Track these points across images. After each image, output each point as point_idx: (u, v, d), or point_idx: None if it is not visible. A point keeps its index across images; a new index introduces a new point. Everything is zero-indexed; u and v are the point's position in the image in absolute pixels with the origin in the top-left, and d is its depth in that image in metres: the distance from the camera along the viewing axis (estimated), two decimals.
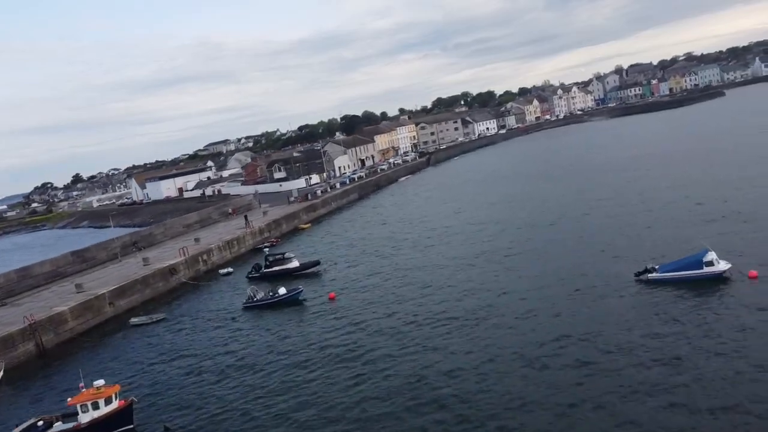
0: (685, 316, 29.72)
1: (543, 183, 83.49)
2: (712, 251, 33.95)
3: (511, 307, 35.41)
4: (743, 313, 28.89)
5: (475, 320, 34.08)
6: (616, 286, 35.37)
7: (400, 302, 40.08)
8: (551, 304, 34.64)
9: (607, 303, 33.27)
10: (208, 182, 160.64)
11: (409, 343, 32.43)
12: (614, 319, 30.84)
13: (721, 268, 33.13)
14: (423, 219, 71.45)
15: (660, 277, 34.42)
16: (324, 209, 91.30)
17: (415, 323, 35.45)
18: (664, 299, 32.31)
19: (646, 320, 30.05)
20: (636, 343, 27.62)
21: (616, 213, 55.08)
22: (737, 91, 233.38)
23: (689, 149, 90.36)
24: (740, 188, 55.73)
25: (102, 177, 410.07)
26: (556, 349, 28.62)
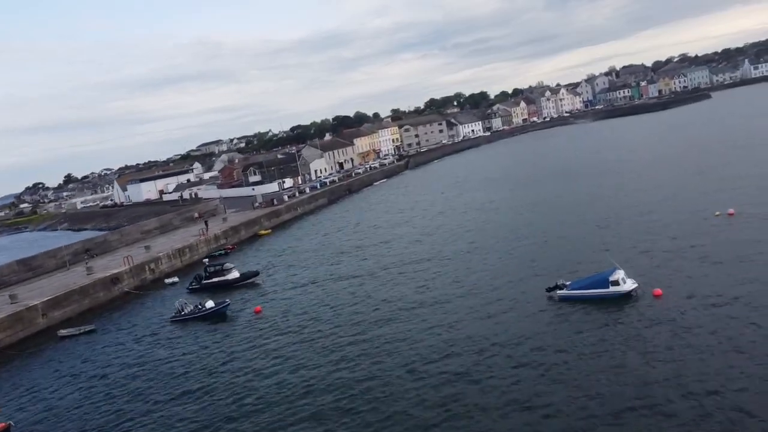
0: (578, 334, 29.51)
1: (504, 189, 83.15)
2: (620, 270, 33.63)
3: (413, 320, 35.76)
4: (636, 332, 28.74)
5: (377, 335, 34.05)
6: (525, 301, 35.16)
7: (323, 315, 39.91)
8: (454, 317, 34.80)
9: (506, 318, 33.12)
10: (187, 185, 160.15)
11: (314, 357, 32.36)
12: (506, 335, 30.65)
13: (626, 287, 32.78)
14: (375, 226, 71.19)
15: (567, 294, 34.11)
16: (288, 215, 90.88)
17: (327, 335, 35.53)
18: (565, 316, 32.05)
19: (538, 337, 29.85)
20: (520, 360, 27.57)
21: (559, 222, 54.77)
22: (724, 93, 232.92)
23: (655, 156, 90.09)
24: (679, 202, 55.45)
25: (94, 177, 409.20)
26: (440, 361, 29.02)
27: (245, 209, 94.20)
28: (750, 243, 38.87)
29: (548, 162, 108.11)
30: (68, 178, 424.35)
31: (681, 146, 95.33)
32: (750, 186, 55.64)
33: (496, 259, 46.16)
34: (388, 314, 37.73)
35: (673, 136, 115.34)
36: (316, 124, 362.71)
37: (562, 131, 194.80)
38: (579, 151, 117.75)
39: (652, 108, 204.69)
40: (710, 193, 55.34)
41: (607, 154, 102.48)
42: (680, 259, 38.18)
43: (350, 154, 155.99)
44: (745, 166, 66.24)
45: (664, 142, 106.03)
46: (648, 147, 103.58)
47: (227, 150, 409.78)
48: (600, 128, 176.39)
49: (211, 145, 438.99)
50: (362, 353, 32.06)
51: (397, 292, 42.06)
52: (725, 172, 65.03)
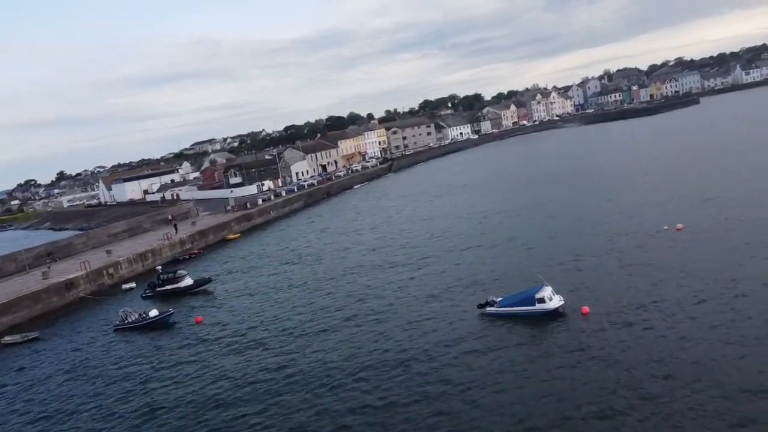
0: (496, 353, 29.36)
1: (474, 195, 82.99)
2: (548, 287, 33.46)
3: (344, 331, 35.79)
4: (554, 350, 28.65)
5: (302, 346, 33.97)
6: (454, 317, 34.93)
7: (261, 325, 39.78)
8: (384, 328, 34.85)
9: (434, 334, 32.90)
10: (171, 185, 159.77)
11: (237, 368, 32.15)
12: (429, 351, 30.53)
13: (552, 305, 32.59)
14: (341, 232, 71.05)
15: (496, 311, 33.95)
16: (260, 219, 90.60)
17: (257, 346, 35.56)
18: (489, 335, 31.89)
19: (459, 354, 29.71)
20: (436, 376, 27.37)
21: (514, 233, 54.66)
22: (713, 99, 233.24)
23: (628, 164, 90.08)
24: (633, 214, 55.35)
25: (87, 175, 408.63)
26: (359, 373, 28.89)
27: (219, 212, 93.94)
28: (690, 258, 38.76)
29: (526, 167, 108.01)
30: (61, 176, 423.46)
31: (655, 154, 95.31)
32: (703, 198, 55.59)
33: (441, 271, 45.95)
34: (321, 324, 37.75)
35: (652, 143, 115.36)
36: (310, 124, 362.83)
37: (550, 135, 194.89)
38: (559, 157, 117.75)
39: (641, 113, 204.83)
40: (667, 205, 55.22)
41: (585, 161, 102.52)
42: (616, 274, 38.02)
43: (334, 156, 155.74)
44: (707, 178, 66.19)
45: (641, 150, 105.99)
46: (625, 154, 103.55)
47: (220, 149, 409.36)
48: (587, 132, 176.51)
49: (204, 144, 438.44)
50: (283, 364, 32.06)
51: (336, 302, 42.01)
52: (686, 184, 64.98)
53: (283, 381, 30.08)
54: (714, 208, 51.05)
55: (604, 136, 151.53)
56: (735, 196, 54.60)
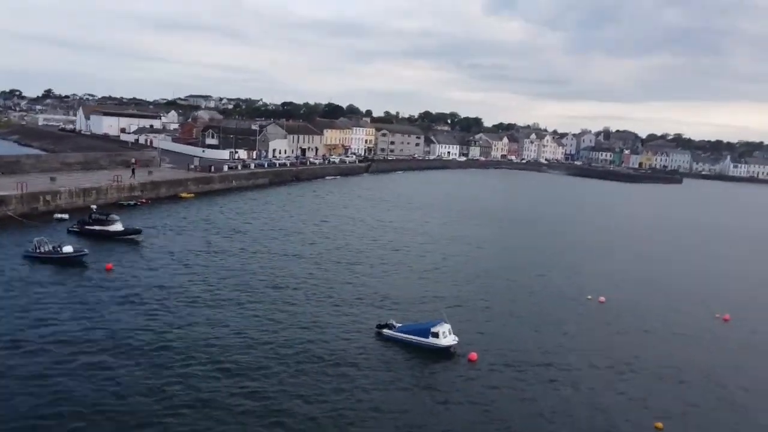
0: (375, 376, 29.38)
1: (433, 216, 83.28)
2: (447, 324, 33.57)
3: (240, 312, 35.11)
4: (424, 386, 28.84)
5: (190, 319, 33.48)
6: (351, 329, 34.91)
7: (165, 287, 39.21)
8: (277, 322, 34.46)
9: (320, 340, 32.79)
10: (148, 130, 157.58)
11: (128, 327, 31.66)
12: (314, 365, 30.36)
13: (444, 342, 32.69)
14: (294, 218, 70.71)
15: (391, 335, 33.96)
16: (220, 185, 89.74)
17: (154, 310, 34.94)
18: (379, 357, 31.84)
19: (339, 373, 29.61)
20: (310, 391, 27.25)
21: (443, 263, 54.92)
22: (696, 182, 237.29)
23: (590, 225, 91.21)
24: (565, 278, 56.01)
25: (74, 100, 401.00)
26: (240, 375, 28.27)
27: (184, 168, 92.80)
28: (597, 330, 39.30)
29: (494, 202, 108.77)
30: (48, 93, 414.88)
31: (620, 223, 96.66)
32: (639, 276, 56.56)
33: (362, 281, 45.91)
34: (222, 302, 37.45)
35: (622, 211, 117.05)
36: (308, 106, 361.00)
37: (532, 176, 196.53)
38: (532, 200, 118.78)
39: (623, 178, 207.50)
40: (605, 275, 55.96)
41: (553, 210, 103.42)
42: (521, 330, 38.32)
43: (317, 143, 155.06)
44: (655, 256, 67.36)
45: (609, 214, 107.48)
46: (593, 214, 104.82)
47: (214, 107, 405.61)
48: (567, 183, 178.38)
49: (198, 98, 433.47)
50: (163, 331, 31.63)
51: (249, 284, 41.66)
52: (635, 257, 66.05)
53: (149, 347, 29.77)
54: (646, 288, 51.91)
55: (582, 192, 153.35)
56: (668, 282, 55.63)
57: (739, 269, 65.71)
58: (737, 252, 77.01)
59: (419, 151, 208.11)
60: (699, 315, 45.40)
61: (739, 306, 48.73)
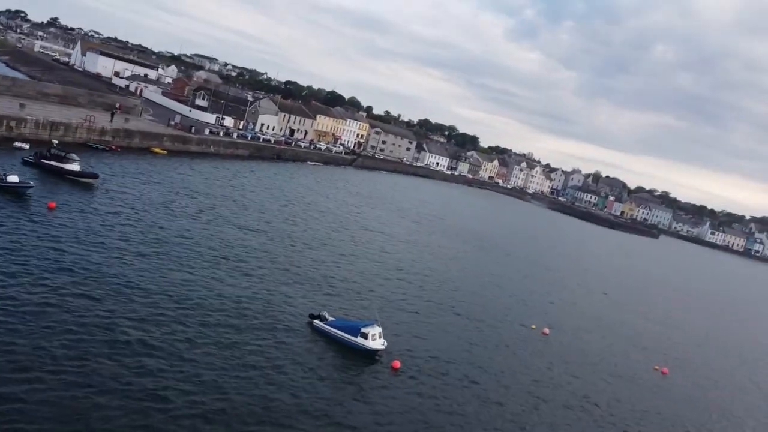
0: (294, 370, 28.18)
1: (404, 220, 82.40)
2: (378, 327, 32.54)
3: (173, 279, 33.66)
4: (337, 386, 27.77)
5: (118, 278, 32.08)
6: (283, 315, 33.76)
7: (112, 243, 37.64)
8: (210, 292, 33.15)
9: (247, 321, 31.59)
10: (141, 78, 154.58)
11: (52, 274, 30.07)
12: (234, 352, 29.07)
13: (371, 345, 31.67)
14: (262, 196, 69.29)
15: (321, 327, 32.87)
16: (196, 147, 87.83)
17: (86, 262, 33.21)
18: (304, 349, 30.71)
19: (248, 349, 28.44)
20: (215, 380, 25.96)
21: (406, 269, 54.02)
22: (672, 240, 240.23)
23: (561, 261, 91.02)
24: (515, 306, 55.44)
25: (78, 33, 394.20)
26: (129, 328, 27.00)
27: (163, 123, 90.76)
28: (537, 358, 38.59)
29: (470, 220, 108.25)
30: (53, 21, 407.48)
31: (593, 264, 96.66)
32: (599, 315, 56.20)
33: (307, 267, 44.74)
34: (158, 266, 35.81)
35: (597, 252, 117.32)
36: (311, 89, 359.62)
37: (514, 203, 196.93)
38: (509, 226, 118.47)
39: (601, 222, 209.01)
40: (559, 311, 55.47)
41: (525, 238, 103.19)
42: (455, 348, 37.44)
43: (307, 126, 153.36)
44: (612, 298, 67.17)
45: (582, 253, 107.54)
46: (568, 252, 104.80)
47: (217, 71, 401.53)
48: (547, 217, 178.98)
49: (204, 59, 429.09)
50: (81, 282, 30.17)
51: (190, 250, 40.26)
52: (597, 300, 65.76)
53: (57, 294, 28.42)
54: (597, 330, 51.46)
55: (560, 228, 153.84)
56: (620, 329, 55.31)
57: (694, 328, 65.70)
58: (698, 314, 77.20)
59: (409, 155, 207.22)
60: (639, 365, 45.01)
61: (680, 362, 48.60)
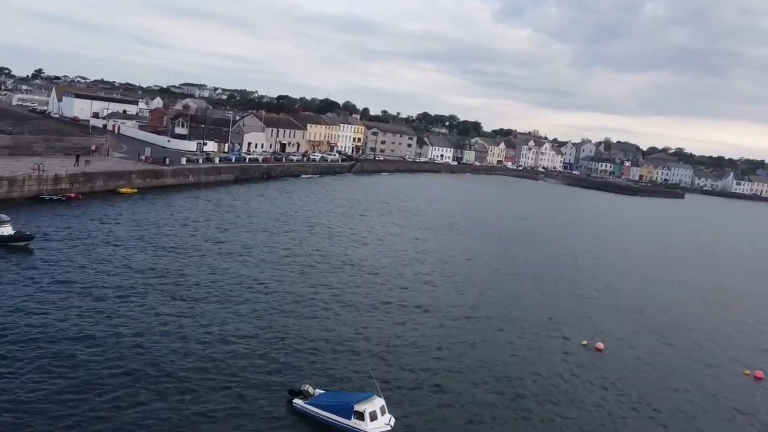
0: None
1: (411, 227, 73.41)
2: (379, 399, 23.74)
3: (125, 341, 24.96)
4: None
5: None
6: (254, 405, 24.80)
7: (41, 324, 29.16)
8: (163, 359, 24.28)
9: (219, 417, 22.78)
10: (120, 115, 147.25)
11: None
12: None
13: (371, 427, 22.78)
14: (243, 221, 60.69)
15: (303, 408, 24.04)
16: (172, 180, 79.52)
17: None
18: None
19: None
20: None
21: (409, 300, 45.01)
22: (698, 198, 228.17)
23: (571, 244, 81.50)
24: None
25: (65, 81, 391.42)
26: None
27: (134, 159, 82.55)
28: (599, 389, 29.47)
29: (481, 211, 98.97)
30: (38, 73, 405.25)
31: (626, 245, 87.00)
32: (654, 314, 46.76)
33: (280, 326, 35.82)
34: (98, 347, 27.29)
35: (627, 228, 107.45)
36: (304, 100, 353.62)
37: (527, 184, 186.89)
38: (526, 212, 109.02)
39: (622, 190, 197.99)
40: (598, 317, 46.19)
41: (553, 227, 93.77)
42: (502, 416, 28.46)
43: (299, 138, 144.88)
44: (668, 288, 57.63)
45: (612, 232, 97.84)
46: (597, 233, 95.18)
47: (207, 97, 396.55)
48: (565, 194, 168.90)
49: (193, 87, 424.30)
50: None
51: (133, 326, 31.59)
52: (643, 294, 56.32)
53: None
54: (656, 335, 42.09)
55: (580, 204, 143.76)
56: (687, 328, 45.83)
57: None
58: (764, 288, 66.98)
59: (411, 152, 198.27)
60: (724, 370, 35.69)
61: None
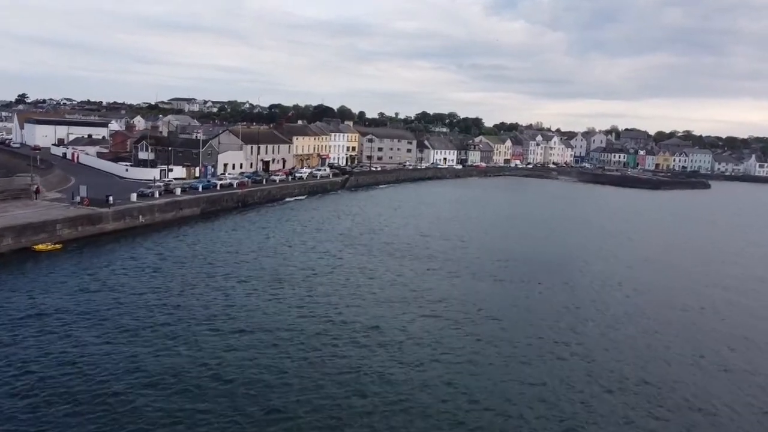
0: None
1: (395, 263, 57.51)
2: None
3: None
4: None
5: None
6: None
7: None
8: None
9: None
10: (84, 141, 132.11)
11: None
12: None
13: None
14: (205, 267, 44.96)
15: None
16: (115, 224, 63.94)
17: None
18: None
19: None
20: None
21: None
22: (724, 185, 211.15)
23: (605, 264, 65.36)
24: None
25: (49, 104, 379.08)
26: None
27: (101, 189, 66.83)
28: None
29: (504, 234, 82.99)
30: (21, 98, 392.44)
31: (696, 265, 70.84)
32: None
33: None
34: None
35: (682, 234, 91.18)
36: (298, 108, 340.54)
37: (540, 184, 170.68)
38: (546, 224, 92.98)
39: (643, 184, 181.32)
40: None
41: (576, 245, 77.75)
42: None
43: (284, 153, 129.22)
44: None
45: (634, 238, 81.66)
46: (629, 251, 79.07)
47: (198, 111, 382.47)
48: (582, 193, 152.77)
49: (182, 101, 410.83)
50: None
51: None
52: None
53: None
54: None
55: (607, 207, 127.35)
56: None
57: None
58: None
59: (411, 157, 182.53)
60: None
61: None
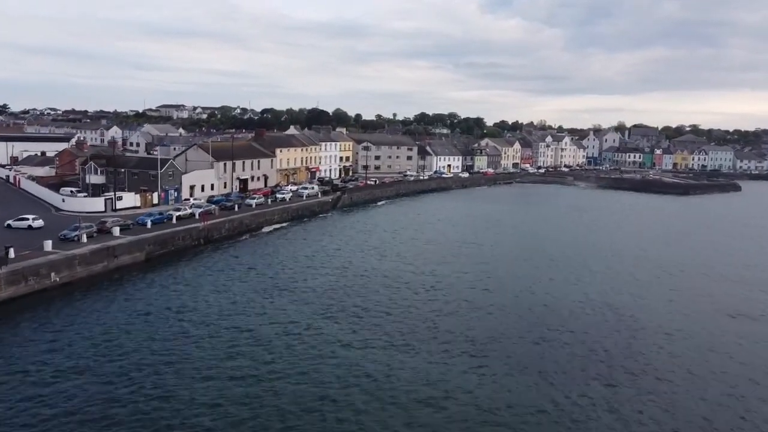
0: None
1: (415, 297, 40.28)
2: None
3: None
4: None
5: None
6: None
7: None
8: None
9: None
10: (37, 159, 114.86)
11: None
12: None
13: None
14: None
15: None
16: (11, 289, 46.60)
17: None
18: None
19: None
20: None
21: None
22: (753, 186, 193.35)
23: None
24: None
25: (32, 115, 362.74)
26: None
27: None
28: None
29: (519, 268, 65.71)
30: (2, 109, 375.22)
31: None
32: None
33: None
34: None
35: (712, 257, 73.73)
36: (292, 112, 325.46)
37: (556, 192, 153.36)
38: (576, 253, 75.68)
39: (669, 189, 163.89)
40: None
41: (633, 297, 60.37)
42: None
43: (265, 168, 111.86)
44: None
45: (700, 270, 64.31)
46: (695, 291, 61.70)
47: (187, 118, 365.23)
48: (605, 202, 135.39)
49: (171, 108, 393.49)
50: None
51: None
52: None
53: None
54: None
55: (636, 221, 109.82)
56: None
57: None
58: None
59: (412, 165, 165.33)
60: None
61: None
